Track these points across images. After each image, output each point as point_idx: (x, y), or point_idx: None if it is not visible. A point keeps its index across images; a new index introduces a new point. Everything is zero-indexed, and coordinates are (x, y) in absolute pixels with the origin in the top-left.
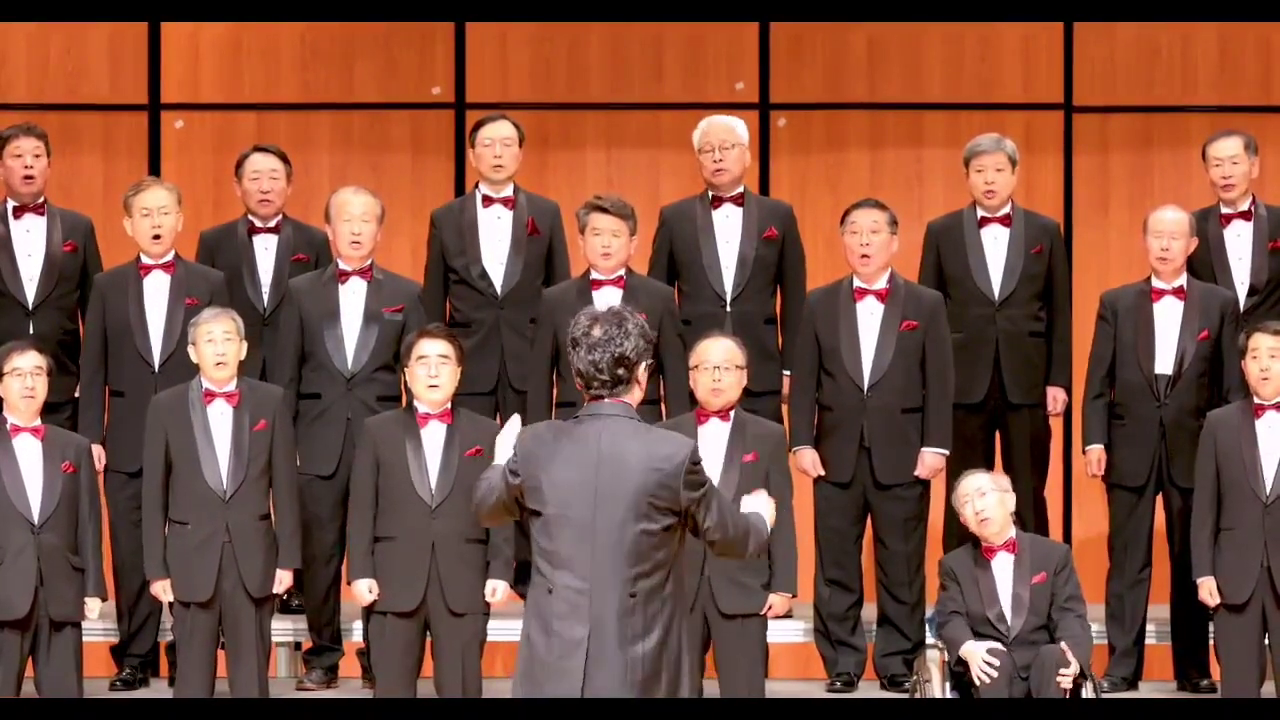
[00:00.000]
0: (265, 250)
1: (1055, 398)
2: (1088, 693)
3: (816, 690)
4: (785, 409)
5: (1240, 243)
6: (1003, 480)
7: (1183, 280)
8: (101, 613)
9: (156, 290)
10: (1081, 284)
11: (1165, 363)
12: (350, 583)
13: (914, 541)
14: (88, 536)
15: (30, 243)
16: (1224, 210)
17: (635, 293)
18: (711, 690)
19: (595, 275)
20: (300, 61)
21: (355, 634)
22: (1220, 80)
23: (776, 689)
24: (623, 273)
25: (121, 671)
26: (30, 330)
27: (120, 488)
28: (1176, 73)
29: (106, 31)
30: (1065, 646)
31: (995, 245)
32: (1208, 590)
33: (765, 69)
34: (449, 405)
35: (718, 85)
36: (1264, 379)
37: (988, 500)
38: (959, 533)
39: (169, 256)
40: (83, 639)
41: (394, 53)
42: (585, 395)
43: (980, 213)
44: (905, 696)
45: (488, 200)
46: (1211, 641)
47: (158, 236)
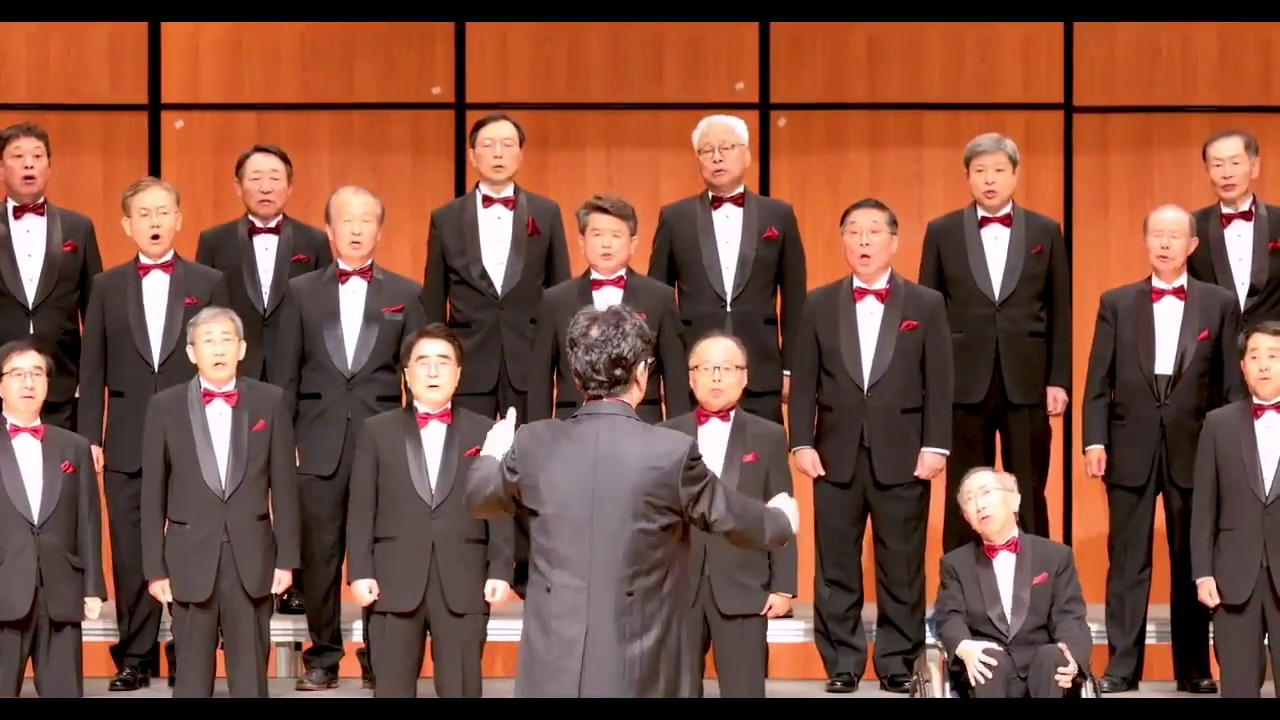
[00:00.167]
0: (265, 250)
1: (1055, 398)
2: (1087, 693)
3: (816, 690)
4: (785, 409)
5: (1240, 243)
6: (1008, 480)
7: (1183, 280)
8: (101, 613)
9: (156, 290)
10: (1081, 284)
11: (1165, 363)
12: (350, 583)
13: (914, 542)
14: (87, 536)
15: (30, 243)
16: (1224, 210)
17: (635, 293)
18: (711, 690)
19: (595, 275)
20: (300, 61)
21: (355, 634)
22: (1220, 80)
23: (776, 689)
24: (623, 273)
25: (121, 671)
26: (30, 330)
27: (120, 488)
28: (1176, 73)
29: (106, 31)
30: (1064, 646)
31: (995, 245)
32: (1207, 590)
33: (765, 69)
34: (449, 405)
35: (718, 85)
36: (1264, 379)
37: (990, 499)
38: (959, 533)
39: (168, 256)
40: (83, 639)
41: (394, 53)
42: (584, 395)
43: (980, 213)
44: (905, 697)
45: (488, 200)
46: (1211, 642)
47: (156, 236)
